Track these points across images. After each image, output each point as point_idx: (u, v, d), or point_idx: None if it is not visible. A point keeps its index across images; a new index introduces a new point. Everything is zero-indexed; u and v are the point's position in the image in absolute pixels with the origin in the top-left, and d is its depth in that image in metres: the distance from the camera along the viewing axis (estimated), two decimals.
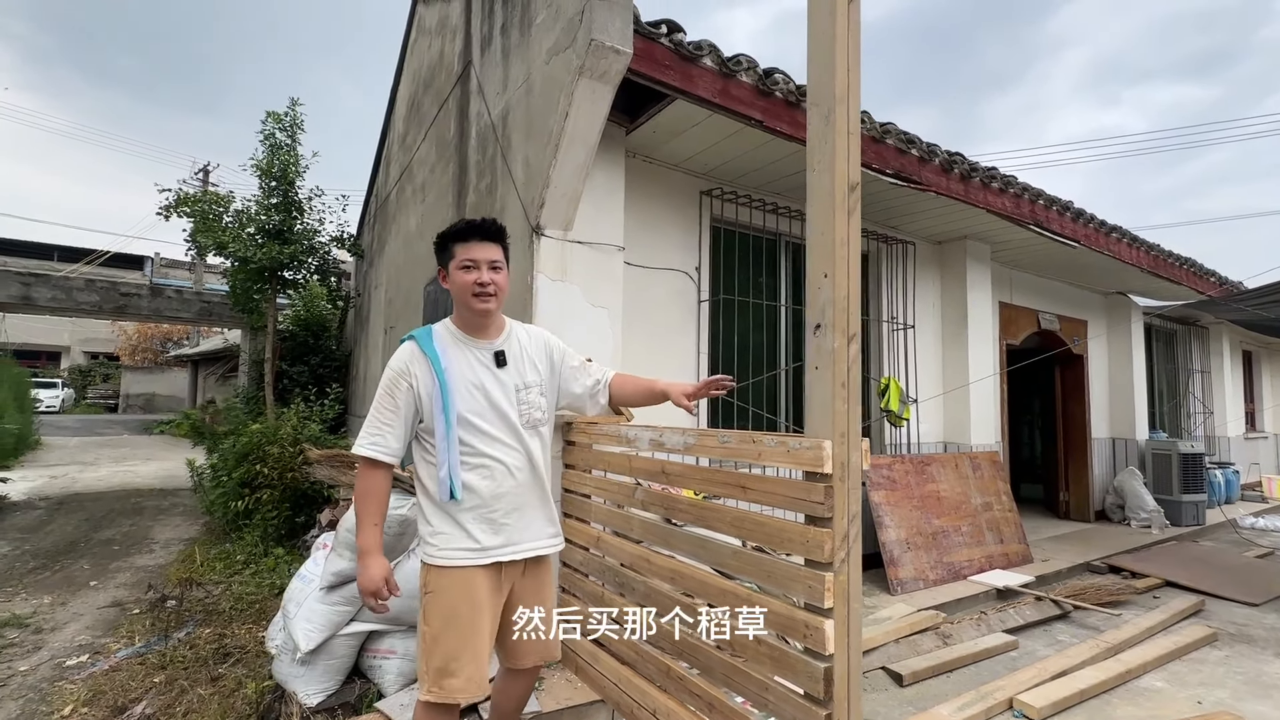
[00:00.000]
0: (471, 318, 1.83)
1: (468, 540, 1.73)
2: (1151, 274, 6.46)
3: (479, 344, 1.83)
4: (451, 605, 1.69)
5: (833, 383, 1.66)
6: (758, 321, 4.35)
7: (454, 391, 1.72)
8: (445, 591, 1.70)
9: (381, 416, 1.74)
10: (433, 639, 1.69)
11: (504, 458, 1.78)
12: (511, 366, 1.86)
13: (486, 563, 1.74)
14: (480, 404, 1.77)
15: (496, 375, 1.82)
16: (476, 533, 1.74)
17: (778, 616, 1.76)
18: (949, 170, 4.28)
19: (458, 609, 1.69)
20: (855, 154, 1.73)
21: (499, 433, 1.79)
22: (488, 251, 1.79)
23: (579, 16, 2.67)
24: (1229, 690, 3.03)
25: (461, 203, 4.21)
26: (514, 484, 1.80)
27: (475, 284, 1.76)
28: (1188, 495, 6.88)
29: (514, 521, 1.79)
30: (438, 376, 1.72)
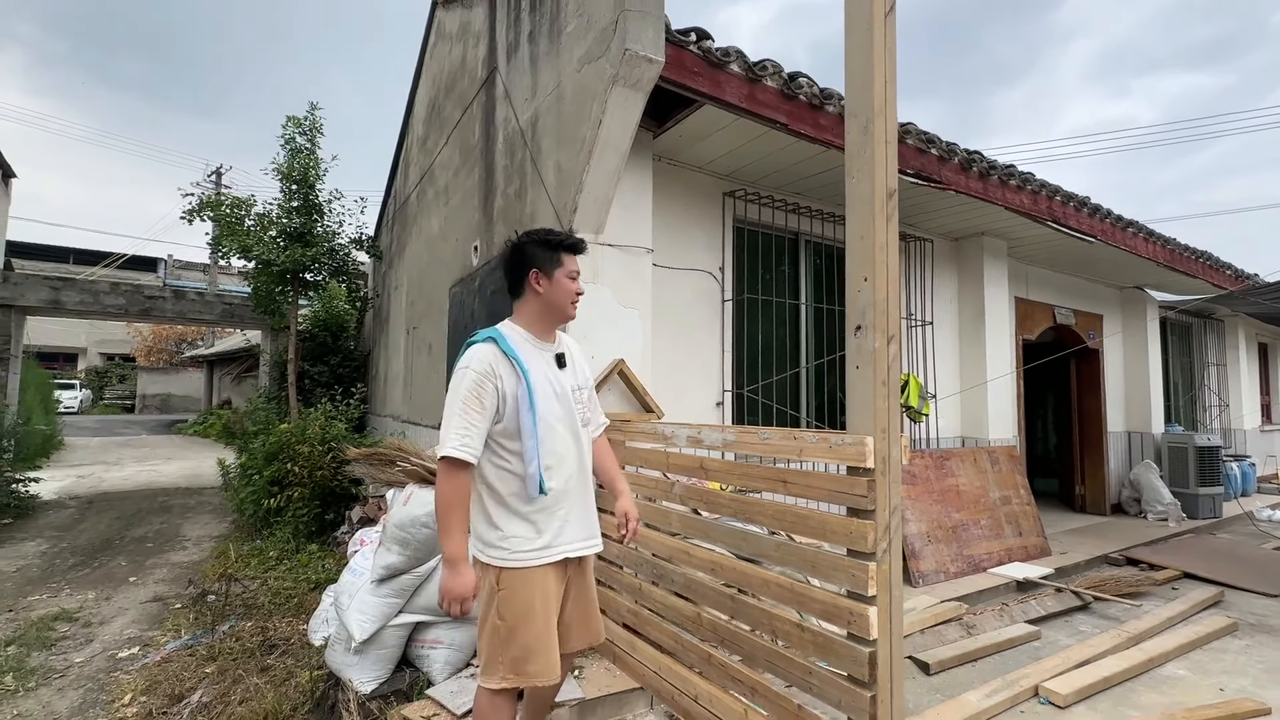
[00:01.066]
0: (552, 322, 1.93)
1: (539, 539, 1.78)
2: (1168, 268, 6.48)
3: (545, 347, 1.90)
4: (527, 601, 1.74)
5: (874, 381, 1.74)
6: (780, 319, 4.43)
7: (537, 392, 1.77)
8: (521, 589, 1.75)
9: (469, 418, 1.70)
10: (509, 632, 1.73)
11: (569, 456, 1.85)
12: (569, 369, 1.93)
13: (557, 560, 1.80)
14: (555, 404, 1.83)
15: (560, 377, 1.88)
16: (547, 531, 1.79)
17: (822, 604, 1.85)
18: (968, 169, 4.33)
19: (533, 604, 1.74)
20: (893, 163, 1.81)
21: (566, 432, 1.85)
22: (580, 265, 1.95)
23: (612, 26, 2.75)
24: (1250, 678, 3.10)
25: (489, 206, 4.30)
26: (576, 481, 1.87)
27: (576, 293, 1.90)
28: (1204, 488, 6.90)
29: (575, 518, 1.86)
30: (524, 377, 1.75)
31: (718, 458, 2.47)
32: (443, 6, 6.04)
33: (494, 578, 1.76)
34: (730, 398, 4.08)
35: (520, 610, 1.73)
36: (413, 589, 2.70)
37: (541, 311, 1.91)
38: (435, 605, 2.73)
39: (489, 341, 1.81)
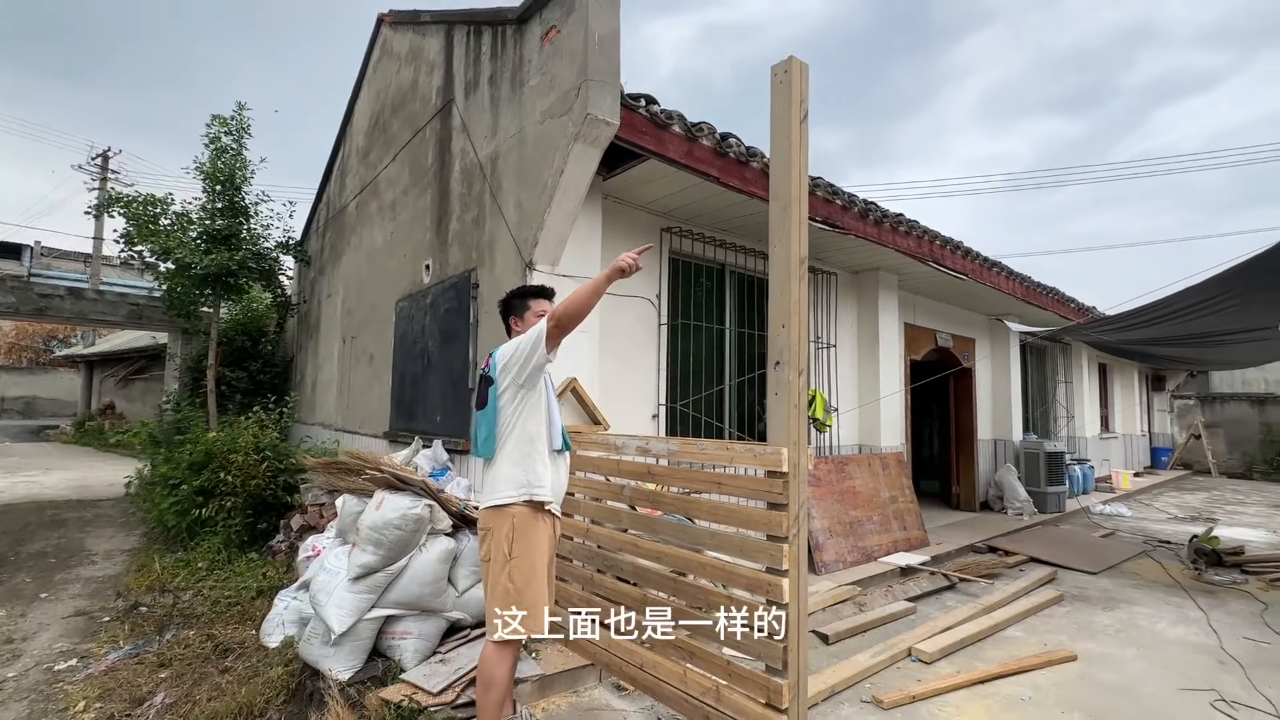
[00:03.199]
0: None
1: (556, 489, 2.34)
2: (1024, 301, 7.69)
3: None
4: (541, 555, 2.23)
5: (788, 405, 2.27)
6: (708, 342, 4.99)
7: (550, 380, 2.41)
8: (542, 537, 2.23)
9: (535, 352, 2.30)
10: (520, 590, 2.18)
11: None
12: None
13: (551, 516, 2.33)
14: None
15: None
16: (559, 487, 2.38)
17: (748, 579, 2.36)
18: (865, 216, 5.10)
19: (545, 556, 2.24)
20: (804, 237, 2.36)
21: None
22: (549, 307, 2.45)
23: (575, 91, 3.18)
24: (1067, 635, 3.94)
25: (443, 229, 4.58)
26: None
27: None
28: (1051, 487, 8.18)
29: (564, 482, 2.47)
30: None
31: (663, 464, 2.94)
32: (390, 26, 6.20)
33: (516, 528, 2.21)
34: (665, 411, 4.58)
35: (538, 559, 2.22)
36: (385, 585, 2.98)
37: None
38: (406, 600, 3.03)
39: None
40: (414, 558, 3.07)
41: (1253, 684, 3.26)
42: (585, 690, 3.02)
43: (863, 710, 2.94)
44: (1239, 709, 3.00)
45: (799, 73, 2.40)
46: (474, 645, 3.08)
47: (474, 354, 3.99)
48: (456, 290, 4.25)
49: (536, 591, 2.20)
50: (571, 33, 3.28)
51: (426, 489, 3.29)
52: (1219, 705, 3.03)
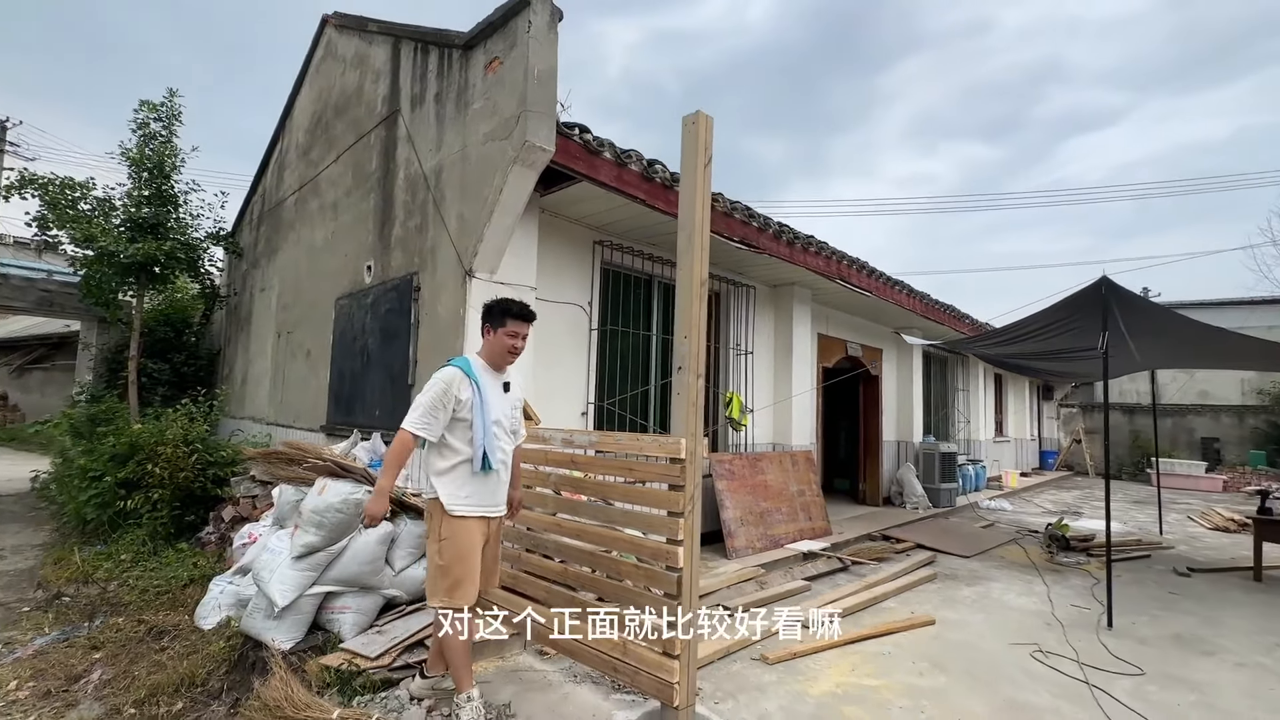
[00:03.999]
0: (499, 363, 2.72)
1: (477, 499, 2.59)
2: (924, 316, 8.56)
3: (496, 375, 2.73)
4: (466, 543, 2.53)
5: (688, 403, 2.72)
6: (635, 346, 5.43)
7: (488, 403, 2.59)
8: (459, 534, 2.53)
9: (433, 411, 2.48)
10: (446, 567, 2.51)
11: (503, 448, 2.68)
12: (511, 394, 2.78)
13: (482, 515, 2.61)
14: (498, 413, 2.64)
15: (504, 397, 2.73)
16: (483, 495, 2.61)
17: (652, 550, 2.79)
18: (779, 237, 5.67)
19: (468, 545, 2.53)
20: (705, 262, 2.82)
21: (503, 432, 2.68)
22: (525, 329, 2.71)
23: (515, 120, 3.54)
24: (932, 605, 4.61)
25: (385, 233, 4.81)
26: (503, 467, 2.69)
27: (512, 348, 2.68)
28: (945, 484, 9.11)
29: (497, 490, 2.69)
30: (477, 392, 2.56)
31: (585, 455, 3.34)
32: (335, 28, 6.32)
33: (441, 526, 2.53)
34: (593, 409, 4.98)
35: (459, 550, 2.53)
36: (326, 564, 3.23)
37: (488, 353, 2.72)
38: (346, 578, 3.29)
39: (454, 367, 2.60)
40: (354, 539, 3.33)
41: (1067, 640, 3.98)
42: (511, 656, 3.37)
43: (751, 665, 3.43)
44: (1050, 657, 3.69)
45: (705, 125, 2.87)
46: (409, 619, 3.37)
47: (414, 353, 4.26)
48: (398, 292, 4.50)
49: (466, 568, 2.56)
50: (513, 66, 3.63)
51: (367, 477, 3.56)
52: (1036, 655, 3.72)
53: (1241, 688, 3.36)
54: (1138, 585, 5.49)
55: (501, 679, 3.09)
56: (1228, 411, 16.33)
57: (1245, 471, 14.41)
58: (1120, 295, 4.55)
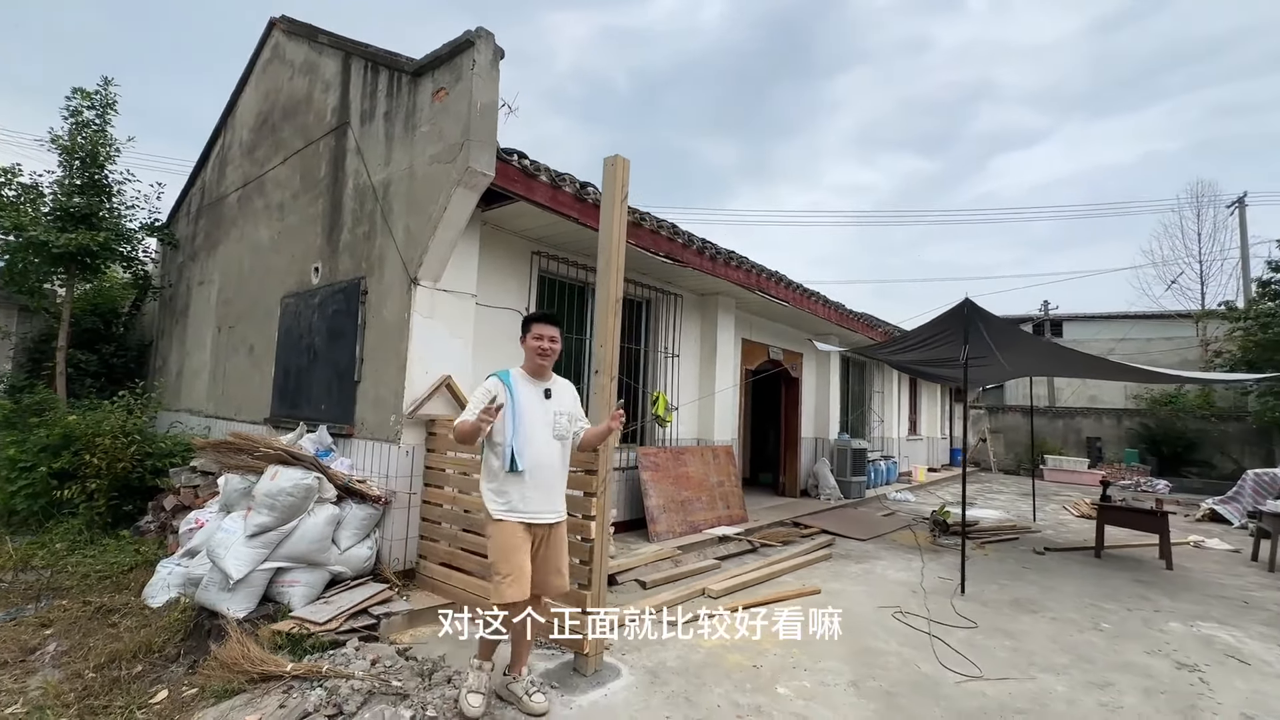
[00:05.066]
0: (533, 367, 2.88)
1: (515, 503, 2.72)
2: (839, 324, 9.41)
3: (536, 384, 2.88)
4: (507, 541, 2.69)
5: (601, 401, 3.25)
6: (570, 350, 5.91)
7: (522, 408, 2.76)
8: (500, 534, 2.69)
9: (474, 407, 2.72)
10: (493, 564, 2.69)
11: (543, 452, 2.78)
12: (554, 399, 2.90)
13: (521, 519, 2.73)
14: (536, 417, 2.79)
15: (544, 403, 2.86)
16: (522, 500, 2.72)
17: (571, 525, 3.30)
18: (702, 252, 6.28)
19: (510, 543, 2.68)
20: (620, 283, 3.35)
21: (543, 437, 2.79)
22: (551, 331, 2.89)
23: (459, 146, 3.97)
24: (821, 580, 5.32)
25: (334, 237, 5.11)
26: (545, 471, 2.78)
27: (539, 349, 2.85)
28: (855, 478, 10.01)
29: (539, 496, 2.75)
30: (512, 399, 2.76)
31: None
32: (284, 33, 6.50)
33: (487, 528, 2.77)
34: None
35: (498, 547, 2.71)
36: (277, 542, 3.58)
37: (526, 362, 2.92)
38: (296, 554, 3.65)
39: (496, 377, 2.84)
40: (303, 520, 3.70)
41: (925, 604, 4.74)
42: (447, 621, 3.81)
43: (657, 626, 4.00)
44: (908, 616, 4.42)
45: (622, 166, 3.40)
46: (354, 591, 3.77)
47: (361, 352, 4.61)
48: (346, 295, 4.83)
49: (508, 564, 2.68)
50: (458, 98, 4.05)
51: (316, 464, 3.91)
52: (896, 615, 4.44)
53: (1048, 635, 4.18)
54: (999, 562, 6.40)
55: (437, 640, 3.53)
56: (1109, 414, 18.24)
57: (1120, 467, 16.17)
58: (981, 314, 5.38)
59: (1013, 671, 3.54)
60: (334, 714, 2.66)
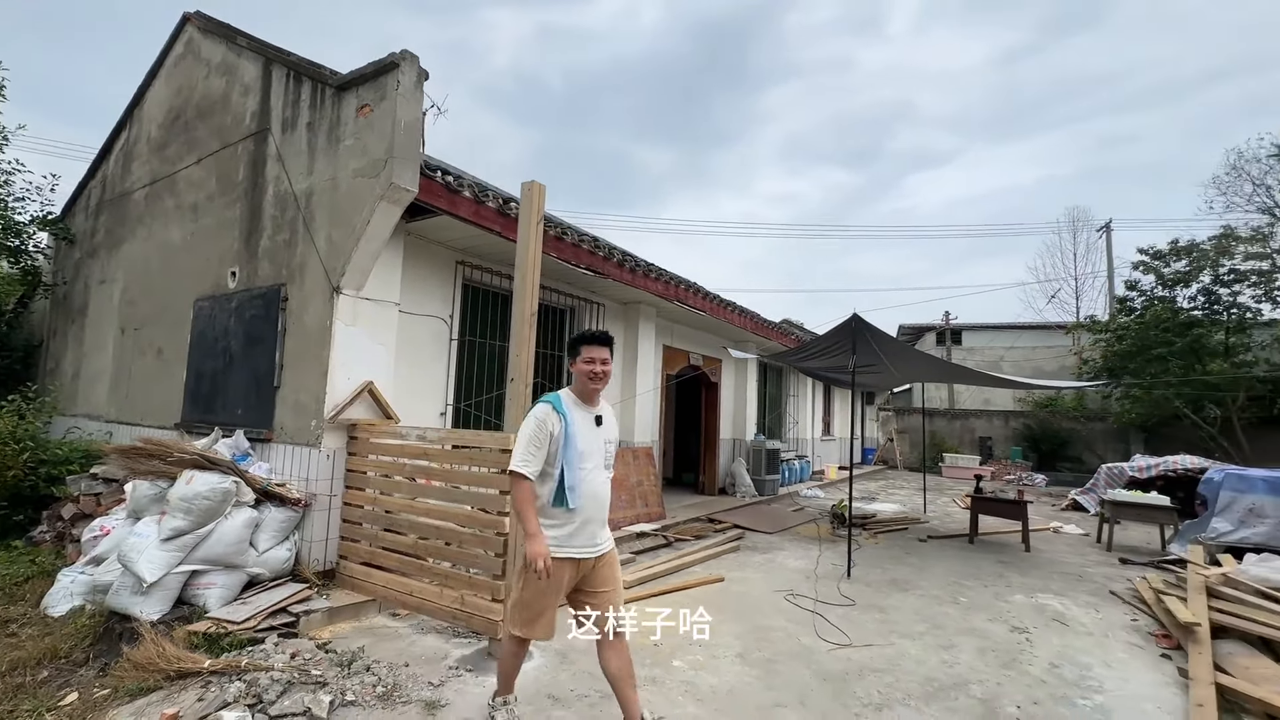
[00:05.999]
0: (583, 392, 2.66)
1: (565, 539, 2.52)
2: (754, 333, 10.04)
3: (588, 409, 2.66)
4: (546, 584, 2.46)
5: (518, 407, 3.54)
6: (494, 355, 6.14)
7: (575, 436, 2.53)
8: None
9: (531, 448, 2.48)
10: (526, 602, 2.52)
11: (594, 484, 2.57)
12: (604, 427, 2.69)
13: (570, 556, 2.52)
14: (588, 446, 2.57)
15: (596, 431, 2.64)
16: (572, 535, 2.52)
17: (486, 521, 3.57)
18: (622, 265, 6.66)
19: (548, 586, 2.47)
20: (535, 298, 3.65)
21: (593, 467, 2.58)
22: (602, 353, 2.67)
23: (383, 163, 4.15)
24: (728, 568, 5.79)
25: (253, 242, 5.12)
26: (594, 503, 2.57)
27: (591, 373, 2.62)
28: (769, 476, 10.68)
29: (588, 531, 2.56)
30: (565, 427, 2.52)
31: (437, 447, 4.04)
32: (198, 30, 6.37)
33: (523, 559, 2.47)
34: (451, 410, 5.63)
35: (538, 587, 2.49)
36: (194, 545, 3.64)
37: (576, 385, 2.70)
38: (212, 557, 3.72)
39: (547, 403, 2.59)
40: (220, 523, 3.77)
41: (815, 587, 5.29)
42: (367, 618, 3.98)
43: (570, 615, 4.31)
44: (798, 598, 4.95)
45: (538, 192, 3.71)
46: (272, 592, 3.87)
47: (281, 358, 4.67)
48: (265, 300, 4.86)
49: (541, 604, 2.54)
50: (382, 115, 4.23)
51: (233, 469, 3.98)
52: (788, 597, 4.96)
53: (913, 609, 4.81)
54: (886, 549, 7.12)
55: (357, 635, 3.70)
56: (999, 416, 20.08)
57: (1007, 464, 17.89)
58: (868, 328, 6.04)
59: (877, 639, 4.10)
60: (254, 703, 2.82)
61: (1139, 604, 5.14)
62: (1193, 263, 14.15)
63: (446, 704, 2.93)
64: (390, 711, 2.85)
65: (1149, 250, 14.89)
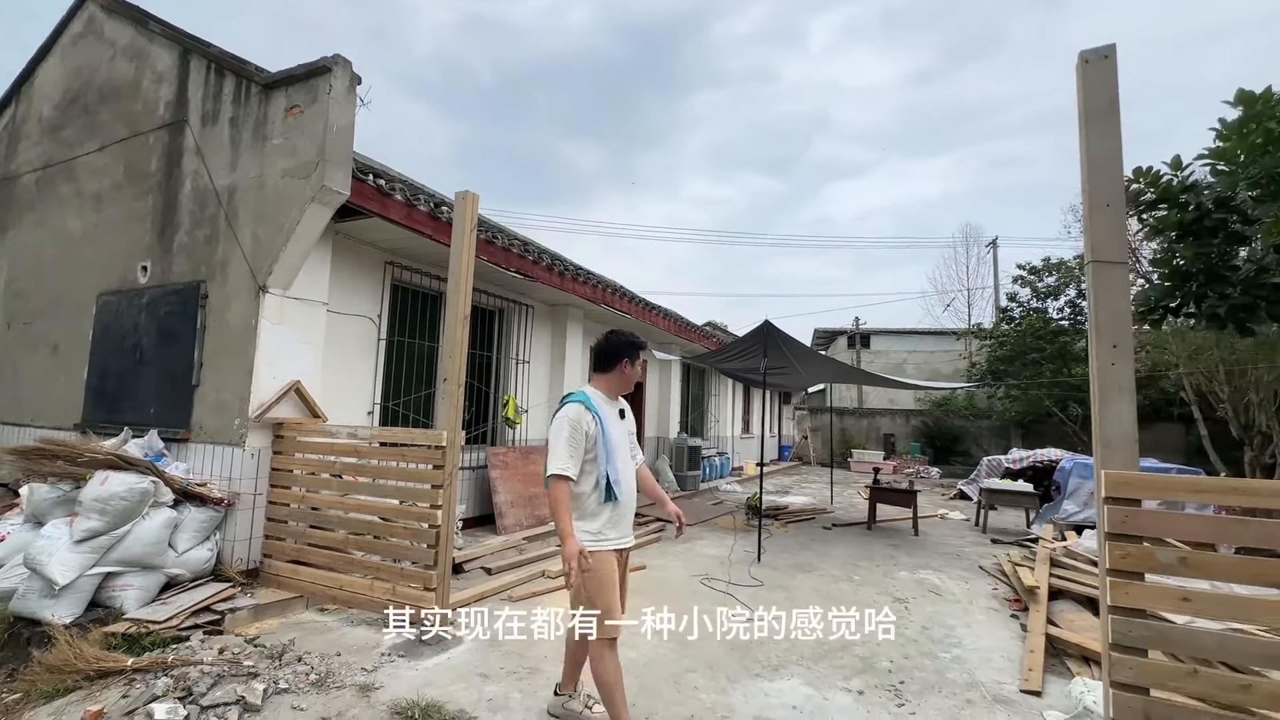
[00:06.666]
0: (619, 391, 2.77)
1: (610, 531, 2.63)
2: (678, 335, 10.52)
3: (613, 404, 2.76)
4: (606, 572, 2.55)
5: (450, 406, 3.73)
6: (423, 355, 6.21)
7: (608, 432, 2.61)
8: (600, 566, 2.52)
9: (571, 449, 2.51)
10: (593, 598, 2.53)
11: (626, 473, 2.68)
12: (626, 419, 2.81)
13: (615, 548, 2.65)
14: (618, 440, 2.67)
15: (620, 424, 2.74)
16: (615, 527, 2.63)
17: (419, 515, 3.73)
18: (551, 269, 6.89)
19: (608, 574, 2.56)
20: (468, 303, 3.85)
21: (624, 461, 2.68)
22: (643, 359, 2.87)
23: (314, 165, 4.20)
24: (650, 558, 6.16)
25: (168, 236, 4.98)
26: (630, 493, 2.70)
27: (637, 375, 2.79)
28: (691, 471, 11.21)
29: (625, 520, 2.69)
30: (601, 424, 2.59)
31: (367, 445, 4.14)
32: (102, 8, 6.04)
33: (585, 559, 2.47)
34: (379, 409, 5.67)
35: (601, 580, 2.54)
36: (109, 546, 3.58)
37: (618, 383, 2.77)
38: (129, 558, 3.67)
39: (578, 402, 2.63)
40: (137, 524, 3.72)
41: (729, 571, 5.75)
42: (294, 614, 4.03)
43: (500, 604, 4.53)
44: (712, 580, 5.38)
45: (471, 201, 3.91)
46: (193, 592, 3.85)
47: (200, 356, 4.58)
48: (182, 297, 4.75)
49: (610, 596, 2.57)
50: (313, 117, 4.28)
51: (151, 469, 3.92)
52: (705, 581, 5.38)
53: (813, 587, 5.36)
54: (794, 537, 7.73)
55: (285, 630, 3.76)
56: (901, 414, 21.74)
57: (907, 459, 19.45)
58: (778, 333, 6.60)
59: (779, 612, 4.57)
60: (184, 696, 2.88)
61: (1001, 576, 5.94)
62: (1060, 278, 16.00)
63: (381, 686, 3.10)
64: (325, 695, 2.99)
65: (1026, 266, 16.69)
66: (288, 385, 4.48)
